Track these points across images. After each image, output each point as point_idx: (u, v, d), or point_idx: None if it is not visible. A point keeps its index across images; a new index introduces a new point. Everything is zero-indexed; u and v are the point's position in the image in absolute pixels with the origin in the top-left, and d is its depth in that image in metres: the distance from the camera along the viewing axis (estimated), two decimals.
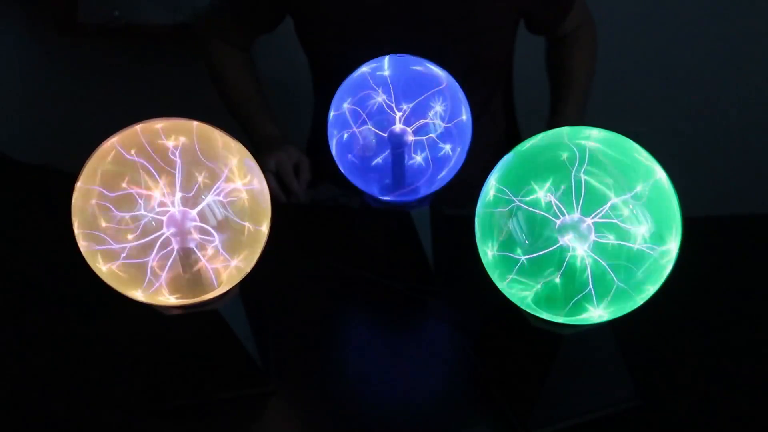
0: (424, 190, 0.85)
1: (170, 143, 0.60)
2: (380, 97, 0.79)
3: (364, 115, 0.80)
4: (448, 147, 0.82)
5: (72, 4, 1.54)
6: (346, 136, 0.82)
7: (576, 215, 0.57)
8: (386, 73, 0.79)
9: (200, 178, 0.61)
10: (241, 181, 0.64)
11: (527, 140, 0.63)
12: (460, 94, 0.82)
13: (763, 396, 0.73)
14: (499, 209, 0.61)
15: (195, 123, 0.63)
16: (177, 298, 0.65)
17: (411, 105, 0.79)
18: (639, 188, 0.56)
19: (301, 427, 0.73)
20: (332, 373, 0.78)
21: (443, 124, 0.80)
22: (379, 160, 0.83)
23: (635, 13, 1.63)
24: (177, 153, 0.60)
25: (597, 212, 0.57)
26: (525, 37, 1.15)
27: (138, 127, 0.62)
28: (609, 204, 0.56)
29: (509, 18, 1.06)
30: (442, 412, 0.73)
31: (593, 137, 0.59)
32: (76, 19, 1.56)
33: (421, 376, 0.78)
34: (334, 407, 0.73)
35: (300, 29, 1.10)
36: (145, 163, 0.60)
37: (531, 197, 0.59)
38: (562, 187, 0.57)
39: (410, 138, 0.80)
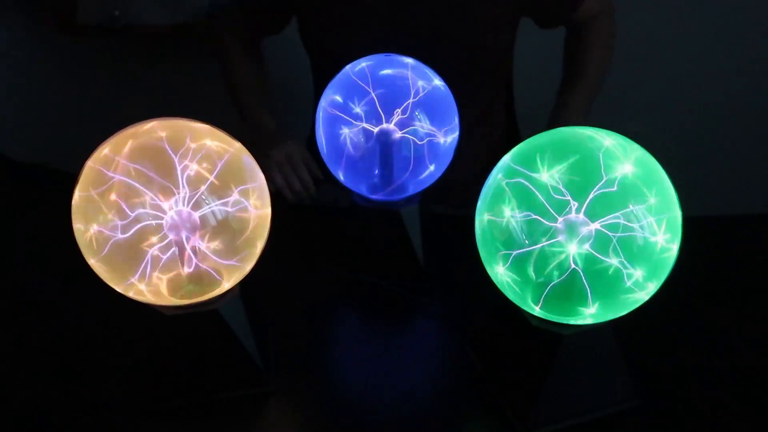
0: (413, 189, 0.86)
1: (170, 143, 0.60)
2: (368, 96, 0.79)
3: (351, 114, 0.81)
4: (435, 146, 0.82)
5: (72, 4, 1.54)
6: (334, 135, 0.83)
7: (580, 216, 0.57)
8: (375, 72, 0.80)
9: (201, 178, 0.61)
10: (241, 180, 0.64)
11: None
12: (448, 93, 0.82)
13: (763, 396, 0.73)
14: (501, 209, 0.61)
15: (196, 123, 0.63)
16: (177, 297, 0.65)
17: (399, 104, 0.79)
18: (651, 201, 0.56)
19: (301, 427, 0.73)
20: (332, 373, 0.78)
21: (430, 123, 0.81)
22: (367, 159, 0.83)
23: (635, 12, 1.63)
24: (177, 153, 0.60)
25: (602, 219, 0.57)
26: (525, 38, 1.15)
27: (137, 127, 0.62)
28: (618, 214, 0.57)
29: (508, 18, 1.06)
30: (442, 412, 0.73)
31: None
32: (76, 19, 1.56)
33: (421, 376, 0.78)
34: (333, 407, 0.73)
35: (303, 29, 1.11)
36: (145, 163, 0.60)
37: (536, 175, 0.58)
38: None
39: (398, 136, 0.80)
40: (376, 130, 0.80)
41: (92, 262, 0.62)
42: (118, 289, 0.63)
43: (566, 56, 1.16)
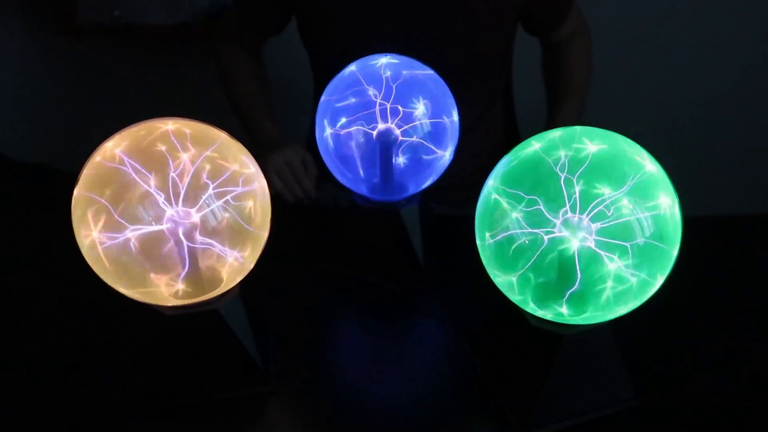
0: (413, 189, 0.86)
1: (169, 143, 0.60)
2: (368, 96, 0.79)
3: (351, 114, 0.81)
4: (435, 146, 0.82)
5: (72, 4, 1.55)
6: (333, 135, 0.83)
7: (575, 216, 0.58)
8: (375, 71, 0.80)
9: (200, 178, 0.61)
10: (241, 181, 0.64)
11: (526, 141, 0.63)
12: (449, 94, 0.82)
13: (763, 396, 0.73)
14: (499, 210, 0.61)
15: (195, 123, 0.63)
16: (177, 297, 0.65)
17: (399, 104, 0.79)
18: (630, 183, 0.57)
19: (301, 427, 0.73)
20: (332, 373, 0.78)
21: (431, 123, 0.81)
22: (367, 159, 0.83)
23: (636, 12, 1.63)
24: (177, 153, 0.60)
25: (592, 210, 0.57)
26: (525, 38, 1.15)
27: (137, 127, 0.62)
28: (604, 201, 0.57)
29: (508, 16, 1.06)
30: (442, 412, 0.73)
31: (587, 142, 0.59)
32: (76, 19, 1.56)
33: (421, 376, 0.78)
34: (333, 407, 0.73)
35: (303, 28, 1.10)
36: (145, 164, 0.60)
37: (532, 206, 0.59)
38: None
39: (398, 137, 0.80)
40: (376, 130, 0.80)
41: (95, 267, 0.62)
42: (118, 289, 0.63)
43: (548, 75, 1.17)
